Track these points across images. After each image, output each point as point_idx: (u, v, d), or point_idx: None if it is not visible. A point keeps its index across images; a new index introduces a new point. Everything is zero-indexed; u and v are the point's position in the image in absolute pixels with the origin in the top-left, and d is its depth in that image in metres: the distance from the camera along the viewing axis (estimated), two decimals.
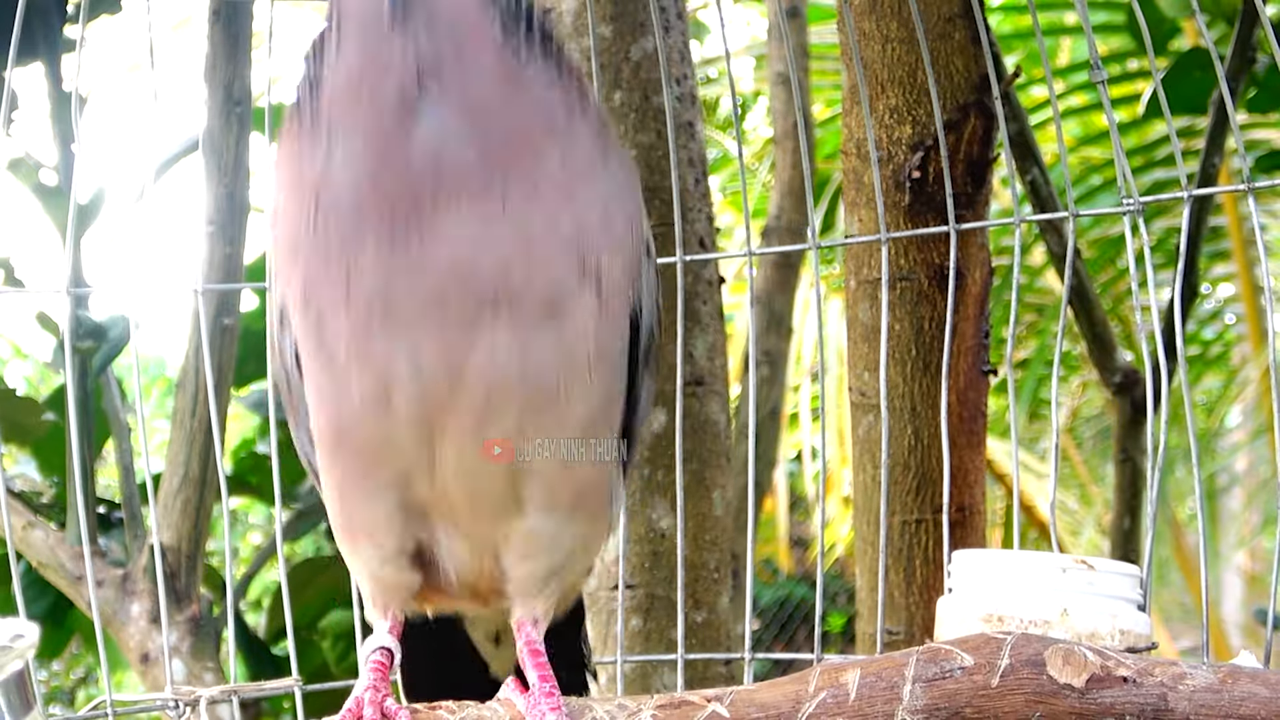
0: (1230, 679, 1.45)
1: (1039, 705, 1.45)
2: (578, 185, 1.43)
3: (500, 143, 1.39)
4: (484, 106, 1.38)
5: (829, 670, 1.50)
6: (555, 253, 1.41)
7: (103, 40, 6.48)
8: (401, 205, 1.37)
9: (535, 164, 1.40)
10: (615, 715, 1.48)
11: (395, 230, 1.38)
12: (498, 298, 1.39)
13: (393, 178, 1.37)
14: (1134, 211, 1.90)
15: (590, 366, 1.46)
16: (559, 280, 1.42)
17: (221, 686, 1.69)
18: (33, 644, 1.30)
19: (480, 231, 1.38)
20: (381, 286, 1.39)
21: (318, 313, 1.43)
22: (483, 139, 1.38)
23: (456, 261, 1.38)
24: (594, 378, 1.47)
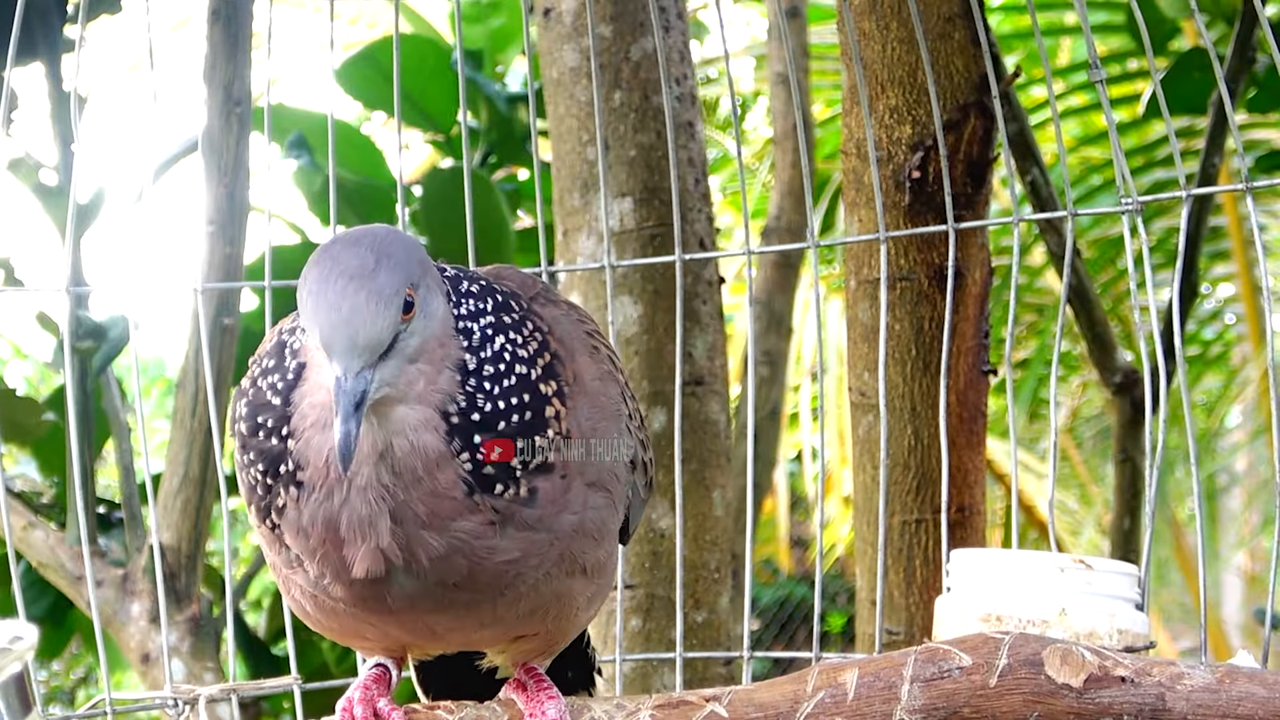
0: (1228, 679, 1.46)
1: (1037, 705, 1.45)
2: (559, 521, 1.47)
3: (467, 606, 1.46)
4: (452, 573, 1.42)
5: (827, 670, 1.50)
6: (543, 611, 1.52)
7: (103, 40, 6.48)
8: (379, 619, 1.47)
9: (511, 611, 1.48)
10: (614, 715, 1.49)
11: (373, 614, 1.47)
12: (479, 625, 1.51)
13: (370, 615, 1.46)
14: (1133, 211, 1.91)
15: (576, 610, 1.56)
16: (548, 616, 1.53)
17: (221, 685, 1.70)
18: (32, 646, 1.30)
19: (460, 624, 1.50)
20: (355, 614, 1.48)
21: (284, 580, 1.51)
22: (452, 604, 1.45)
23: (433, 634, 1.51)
24: (582, 609, 1.57)
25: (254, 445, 1.41)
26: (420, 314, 1.36)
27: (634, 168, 2.74)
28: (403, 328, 1.34)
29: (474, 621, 1.49)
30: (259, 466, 1.40)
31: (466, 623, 1.49)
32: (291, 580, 1.48)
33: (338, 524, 1.38)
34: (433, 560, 1.39)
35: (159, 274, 2.67)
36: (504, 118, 4.29)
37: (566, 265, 2.71)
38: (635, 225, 2.73)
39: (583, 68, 2.74)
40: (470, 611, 1.46)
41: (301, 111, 4.30)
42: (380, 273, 1.32)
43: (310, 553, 1.41)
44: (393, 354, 1.34)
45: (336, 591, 1.42)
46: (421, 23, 4.73)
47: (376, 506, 1.37)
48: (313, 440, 1.38)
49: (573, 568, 1.50)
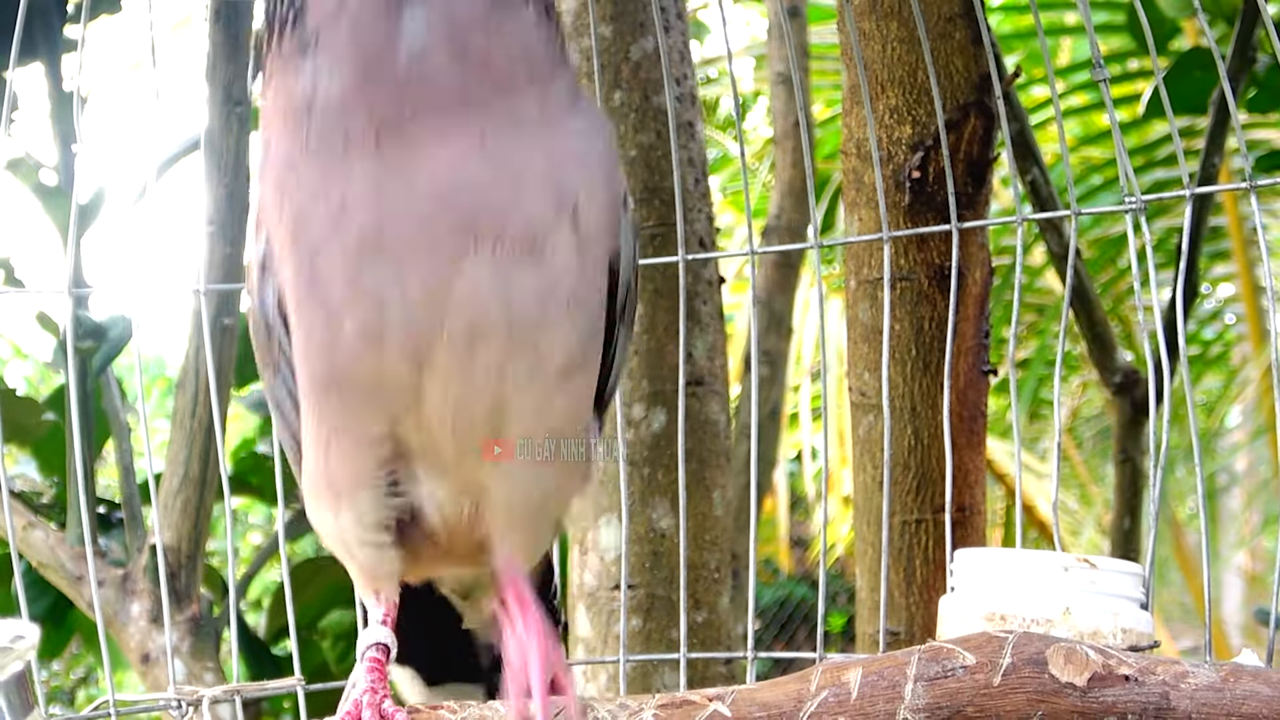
0: (1232, 677, 1.45)
1: (1041, 704, 1.45)
2: (555, 126, 1.43)
3: (482, 68, 1.38)
4: (469, 27, 1.37)
5: (831, 669, 1.49)
6: (532, 187, 1.41)
7: (103, 40, 6.48)
8: (387, 125, 1.36)
9: (515, 97, 1.40)
10: (617, 715, 1.48)
11: (381, 151, 1.37)
12: (479, 229, 1.39)
13: (378, 94, 1.36)
14: (1136, 210, 1.90)
15: (570, 305, 1.46)
16: (537, 215, 1.42)
17: (224, 686, 1.69)
18: (33, 645, 1.30)
19: (458, 161, 1.38)
20: (370, 214, 1.38)
21: (309, 248, 1.42)
22: (465, 61, 1.37)
23: (438, 191, 1.38)
24: (573, 317, 1.47)
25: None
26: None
27: (634, 167, 2.74)
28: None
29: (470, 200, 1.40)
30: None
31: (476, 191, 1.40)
32: (295, 176, 1.41)
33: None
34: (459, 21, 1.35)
35: (159, 274, 2.67)
36: None
37: None
38: (635, 225, 2.73)
39: (583, 67, 2.74)
40: (484, 104, 1.39)
41: None
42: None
43: (325, 9, 1.36)
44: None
45: (339, 80, 1.36)
46: None
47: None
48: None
49: (559, 256, 1.43)
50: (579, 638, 2.69)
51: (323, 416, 1.51)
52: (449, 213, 1.39)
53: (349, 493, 1.52)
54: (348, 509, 1.53)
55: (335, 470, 1.52)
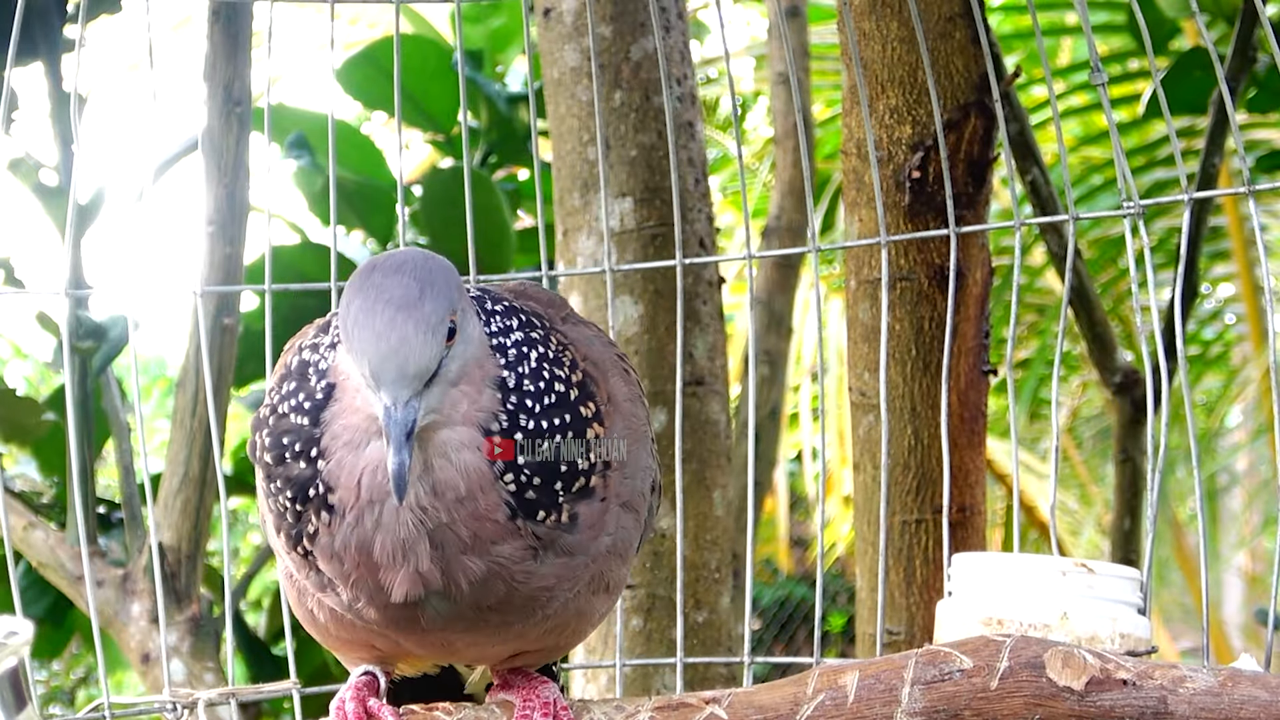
0: (1230, 682, 1.45)
1: (1038, 708, 1.45)
2: (594, 605, 1.53)
3: (496, 627, 1.46)
4: (489, 597, 1.42)
5: (827, 672, 1.49)
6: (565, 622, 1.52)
7: (103, 40, 6.48)
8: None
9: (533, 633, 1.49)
10: (613, 716, 1.48)
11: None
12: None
13: (395, 633, 1.45)
14: (1134, 214, 1.90)
15: (590, 625, 1.57)
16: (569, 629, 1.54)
17: (220, 689, 1.69)
18: (27, 641, 1.29)
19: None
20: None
21: (299, 590, 1.50)
22: (483, 624, 1.44)
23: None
24: (593, 622, 1.58)
25: (280, 473, 1.40)
26: (460, 339, 1.36)
27: (634, 168, 2.74)
28: (445, 352, 1.34)
29: (498, 639, 1.49)
30: (287, 494, 1.40)
31: (491, 639, 1.49)
32: (315, 597, 1.48)
33: (371, 548, 1.38)
34: (472, 584, 1.39)
35: (159, 274, 2.67)
36: (504, 118, 4.29)
37: (566, 266, 2.71)
38: (635, 225, 2.73)
39: (583, 68, 2.74)
40: (498, 631, 1.46)
41: (301, 111, 4.30)
42: (426, 301, 1.33)
43: (344, 577, 1.40)
44: (437, 380, 1.34)
45: (370, 615, 1.42)
46: (422, 23, 4.73)
47: (415, 530, 1.37)
48: (345, 460, 1.37)
49: (598, 587, 1.50)
50: None
51: (307, 626, 1.58)
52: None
53: (343, 654, 1.60)
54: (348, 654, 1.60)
55: (332, 640, 1.57)
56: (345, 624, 1.47)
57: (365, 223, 4.21)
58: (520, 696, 1.54)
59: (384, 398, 1.31)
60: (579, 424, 1.42)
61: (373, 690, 1.56)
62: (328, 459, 1.38)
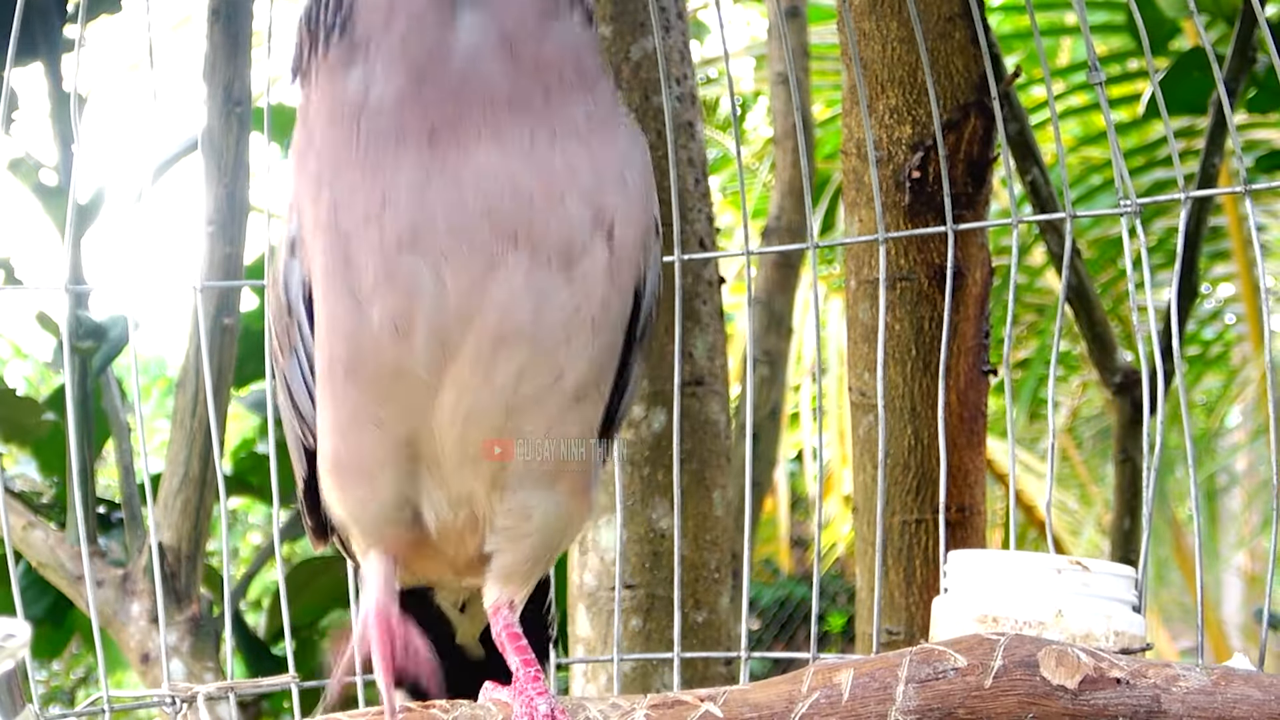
0: (1223, 681, 1.46)
1: (1032, 706, 1.45)
2: (598, 140, 1.44)
3: (532, 74, 1.40)
4: (521, 32, 1.38)
5: (823, 670, 1.50)
6: (573, 199, 1.43)
7: (103, 40, 6.49)
8: (439, 127, 1.39)
9: (563, 103, 1.41)
10: (609, 714, 1.49)
11: (433, 149, 1.39)
12: (517, 235, 1.41)
13: (431, 93, 1.38)
14: (1131, 213, 1.91)
15: (594, 323, 1.47)
16: (574, 228, 1.43)
17: (218, 683, 1.70)
18: (25, 643, 1.30)
19: (506, 165, 1.40)
20: (412, 210, 1.39)
21: (346, 233, 1.42)
22: (517, 66, 1.39)
23: (481, 193, 1.39)
24: (595, 337, 1.48)
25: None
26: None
27: None
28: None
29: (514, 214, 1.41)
30: None
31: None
32: (327, 203, 1.43)
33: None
34: (496, 39, 1.37)
35: (159, 274, 2.68)
36: None
37: None
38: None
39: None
40: (523, 116, 1.41)
41: None
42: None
43: (376, 8, 1.38)
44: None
45: (395, 82, 1.38)
46: None
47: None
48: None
49: (590, 275, 1.45)
50: (579, 638, 2.70)
51: (340, 402, 1.51)
52: (489, 216, 1.40)
53: (359, 474, 1.54)
54: (356, 487, 1.54)
55: (348, 454, 1.53)
56: (389, 269, 1.41)
57: None
58: (516, 699, 1.54)
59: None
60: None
61: (392, 599, 1.54)
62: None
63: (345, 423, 1.51)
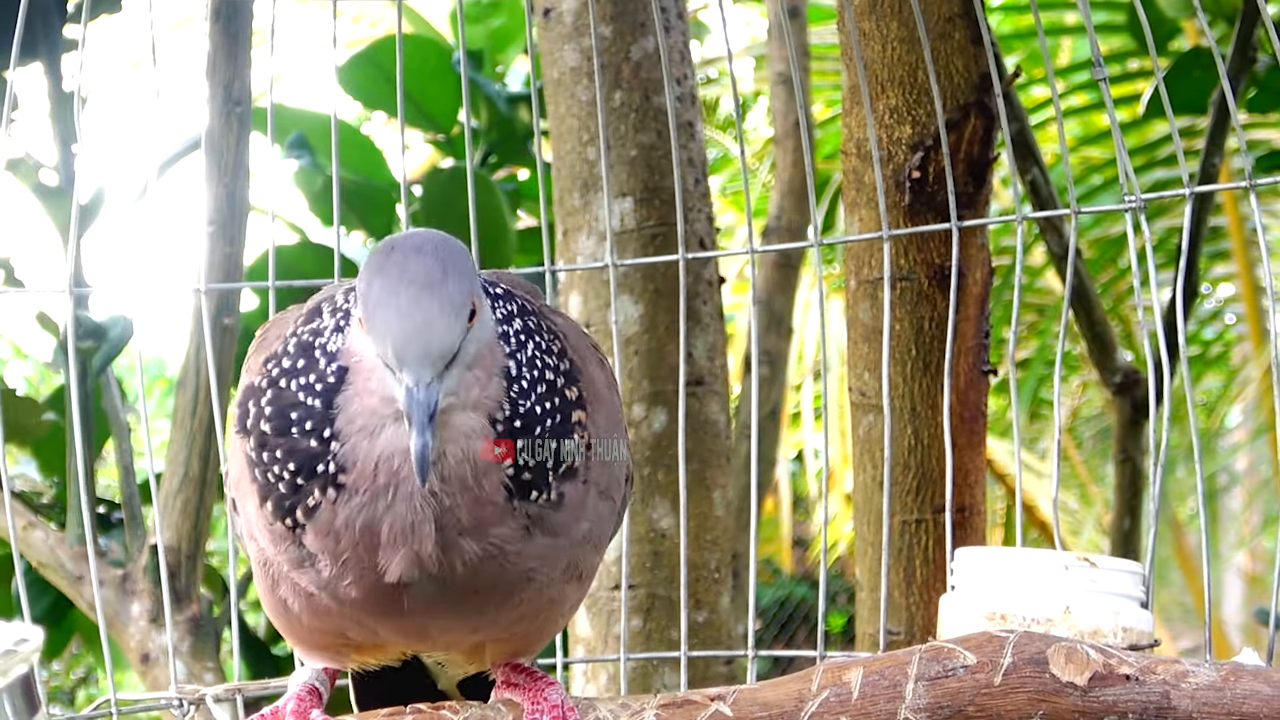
0: (1233, 677, 1.46)
1: (1042, 704, 1.45)
2: (570, 594, 1.52)
3: (477, 610, 1.45)
4: (480, 580, 1.41)
5: (832, 669, 1.50)
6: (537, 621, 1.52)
7: (103, 39, 6.48)
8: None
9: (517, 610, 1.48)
10: (619, 714, 1.48)
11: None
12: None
13: (374, 617, 1.44)
14: (1136, 208, 1.90)
15: (563, 617, 1.56)
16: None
17: (225, 685, 1.69)
18: (37, 648, 1.30)
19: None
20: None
21: (274, 577, 1.48)
22: (462, 608, 1.44)
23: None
24: (567, 612, 1.56)
25: (283, 444, 1.38)
26: (478, 321, 1.36)
27: (634, 167, 2.74)
28: (465, 334, 1.34)
29: (471, 625, 1.48)
30: (289, 466, 1.38)
31: (465, 625, 1.48)
32: (289, 579, 1.46)
33: (379, 528, 1.37)
34: (466, 565, 1.39)
35: (159, 274, 2.67)
36: (504, 118, 4.29)
37: (568, 264, 2.71)
38: (635, 225, 2.73)
39: (583, 67, 2.74)
40: (477, 614, 1.46)
41: (302, 111, 4.30)
42: (449, 281, 1.32)
43: (336, 555, 1.39)
44: (456, 362, 1.33)
45: (351, 594, 1.41)
46: (422, 23, 4.73)
47: (422, 513, 1.36)
48: (360, 445, 1.36)
49: (571, 575, 1.50)
50: (579, 638, 2.69)
51: (276, 605, 1.54)
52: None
53: (311, 651, 1.58)
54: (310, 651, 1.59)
55: (297, 630, 1.55)
56: (319, 610, 1.46)
57: (365, 223, 4.21)
58: (528, 698, 1.54)
59: (406, 378, 1.29)
60: (566, 407, 1.42)
61: (315, 700, 1.55)
62: (342, 441, 1.36)
63: (280, 625, 1.55)
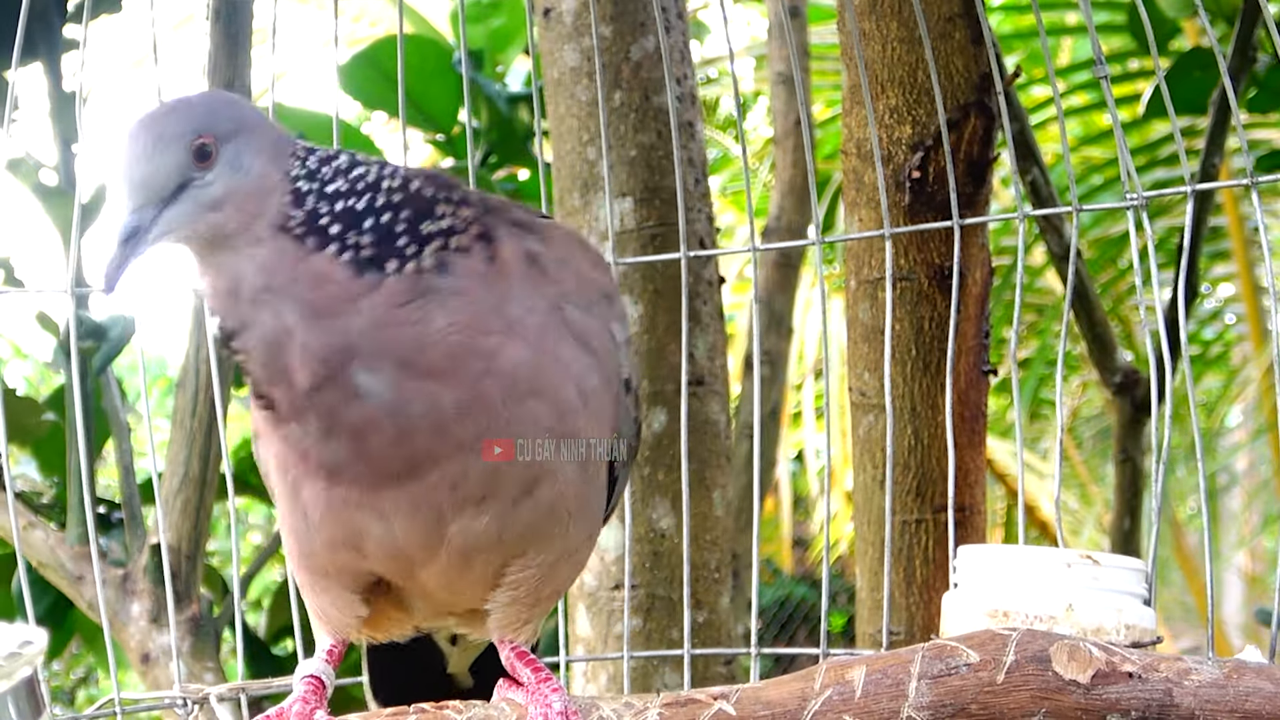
0: (1235, 674, 1.46)
1: (1044, 701, 1.45)
2: (546, 377, 1.45)
3: (458, 416, 1.41)
4: (401, 348, 1.38)
5: (835, 667, 1.49)
6: (537, 443, 1.46)
7: (103, 39, 6.48)
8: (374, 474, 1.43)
9: (503, 379, 1.42)
10: (622, 713, 1.48)
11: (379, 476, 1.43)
12: (482, 495, 1.45)
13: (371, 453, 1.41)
14: (1137, 205, 1.90)
15: (569, 519, 1.52)
16: (539, 466, 1.47)
17: (229, 684, 1.69)
18: (41, 650, 1.31)
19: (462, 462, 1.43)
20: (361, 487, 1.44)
21: (293, 480, 1.48)
22: (437, 408, 1.40)
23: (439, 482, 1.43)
24: (573, 525, 1.53)
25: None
26: (225, 165, 1.38)
27: (634, 167, 2.74)
28: (197, 175, 1.36)
29: (483, 487, 1.44)
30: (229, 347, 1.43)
31: (477, 484, 1.44)
32: (302, 470, 1.45)
33: (276, 349, 1.38)
34: (366, 337, 1.36)
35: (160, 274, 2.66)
36: (504, 118, 4.29)
37: None
38: (635, 225, 2.73)
39: (583, 67, 2.74)
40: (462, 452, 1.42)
41: (302, 111, 4.30)
42: (169, 119, 1.37)
43: (296, 406, 1.40)
44: (184, 198, 1.36)
45: (347, 452, 1.40)
46: (422, 23, 4.73)
47: (276, 314, 1.37)
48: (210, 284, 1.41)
49: (559, 484, 1.48)
50: (579, 638, 2.69)
51: (298, 568, 1.56)
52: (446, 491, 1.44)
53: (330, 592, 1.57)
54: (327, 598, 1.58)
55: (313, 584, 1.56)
56: (335, 506, 1.45)
57: None
58: (530, 701, 1.54)
59: (119, 211, 1.35)
60: (418, 202, 1.41)
61: (319, 700, 1.55)
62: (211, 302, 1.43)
63: (306, 579, 1.55)
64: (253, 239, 1.37)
